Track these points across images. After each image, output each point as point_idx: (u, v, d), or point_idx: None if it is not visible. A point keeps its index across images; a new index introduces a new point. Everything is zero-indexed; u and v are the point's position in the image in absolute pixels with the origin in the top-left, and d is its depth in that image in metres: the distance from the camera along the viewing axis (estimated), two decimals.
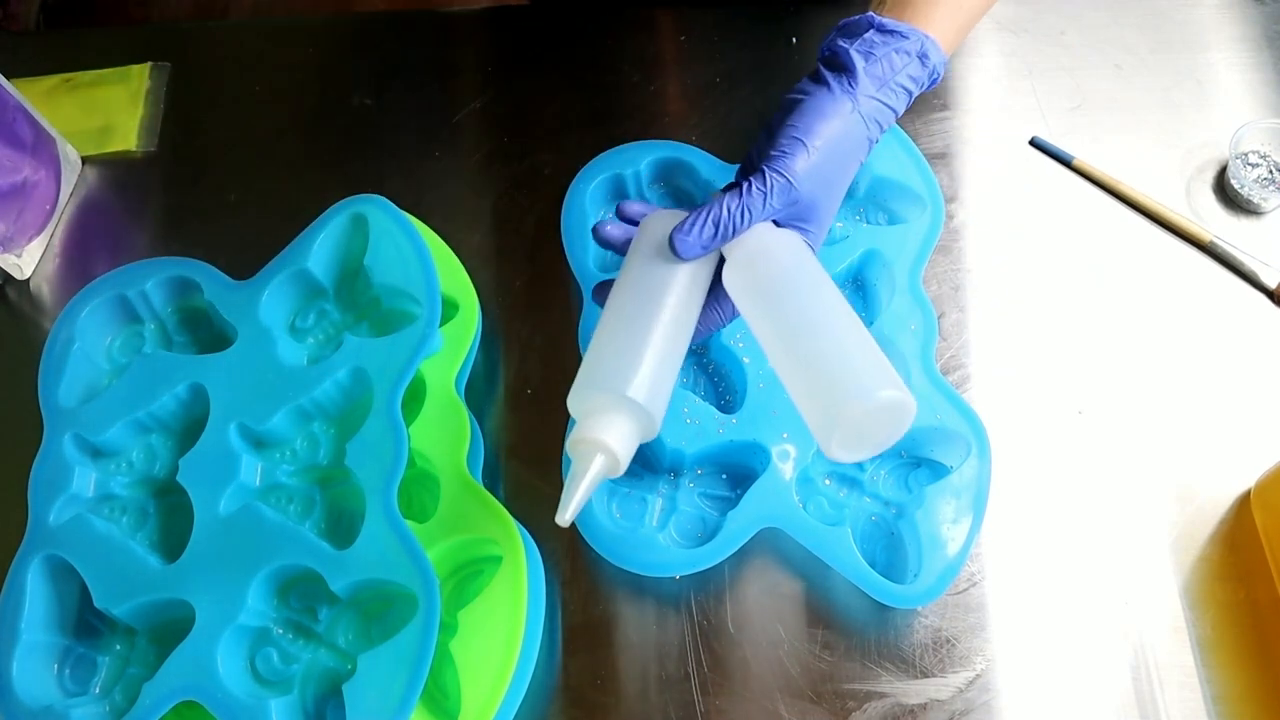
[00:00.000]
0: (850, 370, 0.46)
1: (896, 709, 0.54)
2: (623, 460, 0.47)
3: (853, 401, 0.44)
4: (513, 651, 0.52)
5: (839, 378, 0.46)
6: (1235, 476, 0.59)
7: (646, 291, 0.51)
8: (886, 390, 0.45)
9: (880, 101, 0.52)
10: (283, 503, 0.58)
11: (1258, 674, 0.54)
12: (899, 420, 0.46)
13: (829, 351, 0.47)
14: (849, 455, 0.46)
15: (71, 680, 0.56)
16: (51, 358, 0.61)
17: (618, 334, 0.50)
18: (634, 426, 0.47)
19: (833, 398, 0.45)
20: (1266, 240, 0.66)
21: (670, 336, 0.50)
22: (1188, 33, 0.75)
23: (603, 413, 0.47)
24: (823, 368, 0.46)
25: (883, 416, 0.45)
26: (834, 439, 0.45)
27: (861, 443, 0.46)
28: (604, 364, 0.49)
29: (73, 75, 0.77)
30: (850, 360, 0.46)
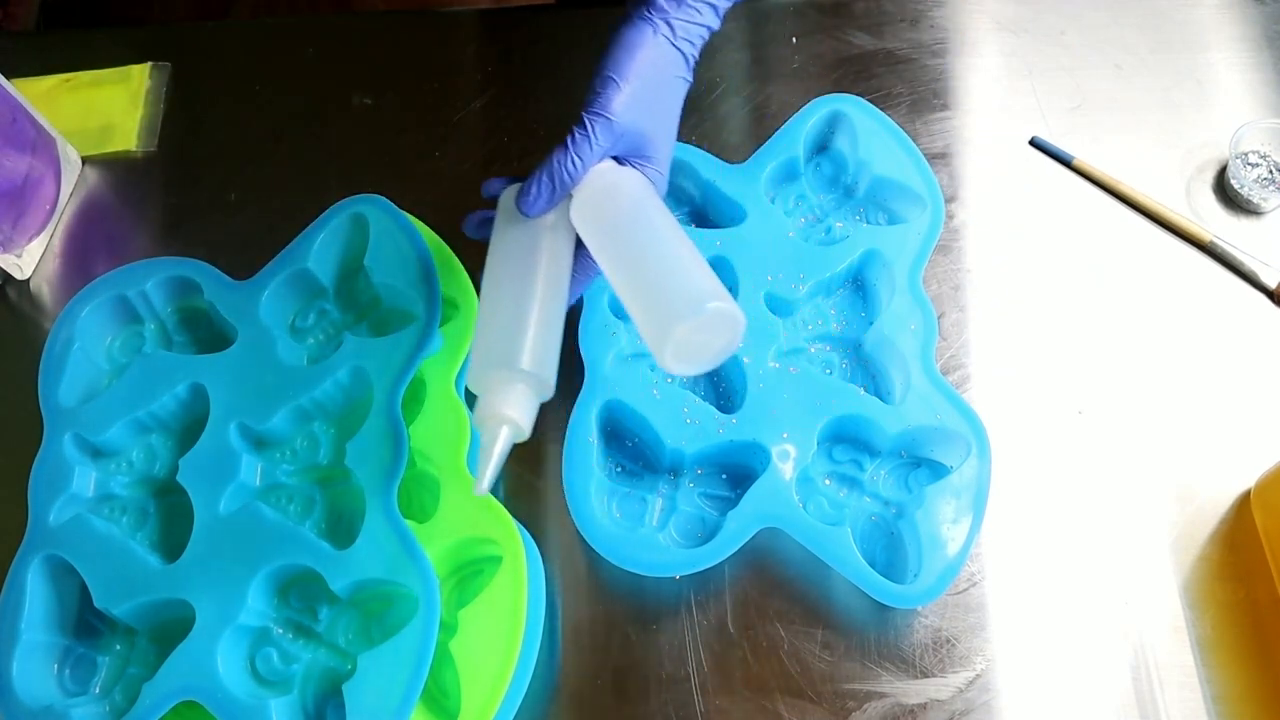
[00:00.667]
0: (680, 287, 0.49)
1: (896, 709, 0.54)
2: (526, 426, 0.51)
3: (684, 317, 0.48)
4: (513, 651, 0.52)
5: (670, 294, 0.49)
6: (1235, 476, 0.59)
7: (516, 262, 0.54)
8: (713, 303, 0.48)
9: (684, 20, 0.55)
10: (283, 502, 0.58)
11: (1258, 674, 0.54)
12: (730, 331, 0.49)
13: (661, 271, 0.50)
14: (686, 368, 0.50)
15: (71, 680, 0.56)
16: (51, 358, 0.62)
17: (499, 310, 0.53)
18: (530, 394, 0.51)
19: (665, 312, 0.49)
20: (1266, 240, 0.66)
21: (546, 300, 0.53)
22: (1188, 33, 0.75)
23: (500, 387, 0.50)
24: (656, 286, 0.50)
25: (713, 328, 0.49)
26: (667, 351, 0.48)
27: (697, 355, 0.50)
28: (492, 342, 0.52)
29: (73, 75, 0.77)
30: (680, 278, 0.50)
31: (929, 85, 0.74)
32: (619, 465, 0.60)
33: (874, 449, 0.59)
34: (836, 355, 0.62)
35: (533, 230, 0.55)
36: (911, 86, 0.73)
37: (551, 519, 0.59)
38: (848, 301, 0.64)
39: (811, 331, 0.63)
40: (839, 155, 0.68)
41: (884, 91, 0.73)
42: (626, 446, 0.60)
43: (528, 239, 0.55)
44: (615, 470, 0.60)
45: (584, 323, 0.61)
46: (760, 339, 0.60)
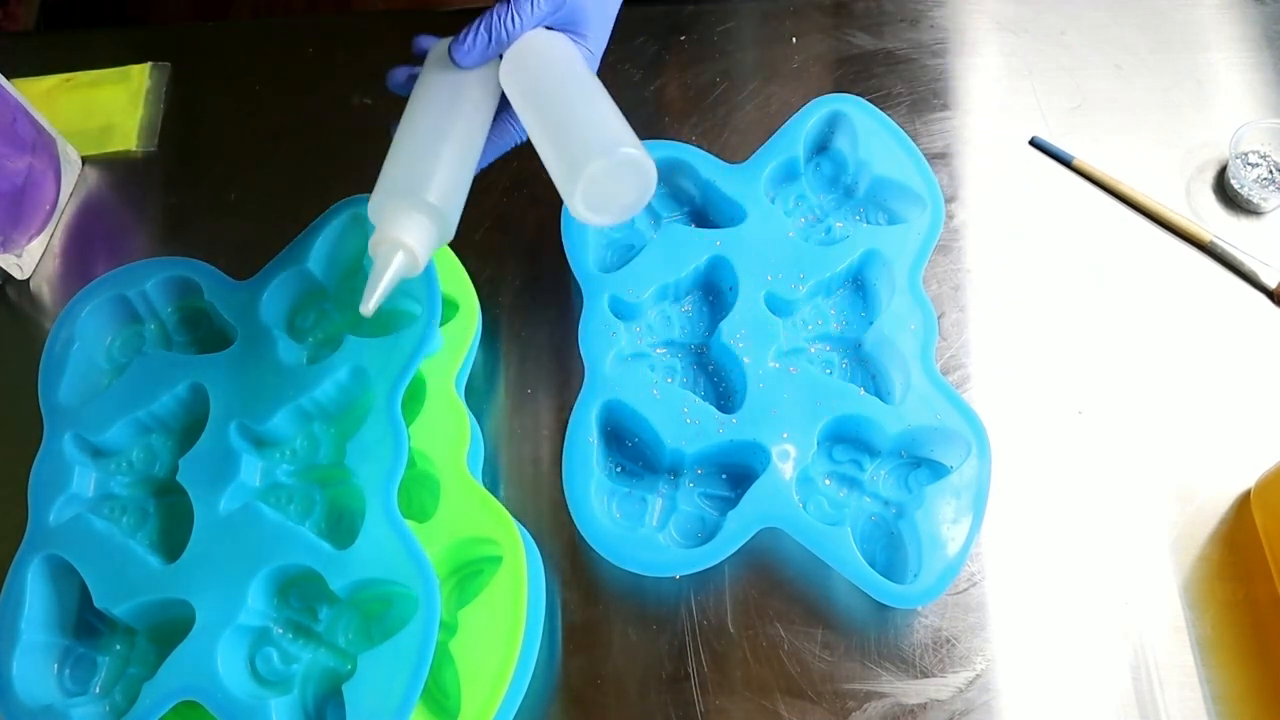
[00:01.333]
0: (595, 132, 0.50)
1: (896, 709, 0.54)
2: (420, 258, 0.51)
3: (595, 156, 0.49)
4: (513, 651, 0.52)
5: (585, 138, 0.50)
6: (1235, 476, 0.59)
7: (437, 106, 0.54)
8: (626, 148, 0.49)
9: None
10: (283, 502, 0.58)
11: (1258, 674, 0.54)
12: (641, 181, 0.51)
13: (579, 119, 0.51)
14: (595, 216, 0.51)
15: (71, 680, 0.56)
16: (51, 358, 0.62)
17: (413, 144, 0.53)
18: (431, 228, 0.51)
19: (578, 155, 0.50)
20: (1266, 240, 0.66)
21: (462, 145, 0.54)
22: (1188, 33, 0.75)
23: (401, 215, 0.50)
24: (572, 132, 0.51)
25: (623, 174, 0.50)
26: (578, 193, 0.49)
27: (607, 203, 0.51)
28: (401, 172, 0.52)
29: (73, 75, 0.77)
30: (596, 124, 0.51)
31: (929, 85, 0.74)
32: (619, 465, 0.60)
33: (874, 449, 0.59)
34: (836, 355, 0.62)
35: (457, 80, 0.55)
36: (911, 86, 0.73)
37: (551, 519, 0.59)
38: (848, 301, 0.64)
39: (811, 331, 0.63)
40: (839, 155, 0.68)
41: (884, 91, 0.73)
42: (626, 446, 0.60)
43: (451, 87, 0.55)
44: (615, 470, 0.60)
45: (584, 323, 0.61)
46: (760, 339, 0.60)
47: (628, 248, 0.66)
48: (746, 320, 0.60)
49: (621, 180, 0.50)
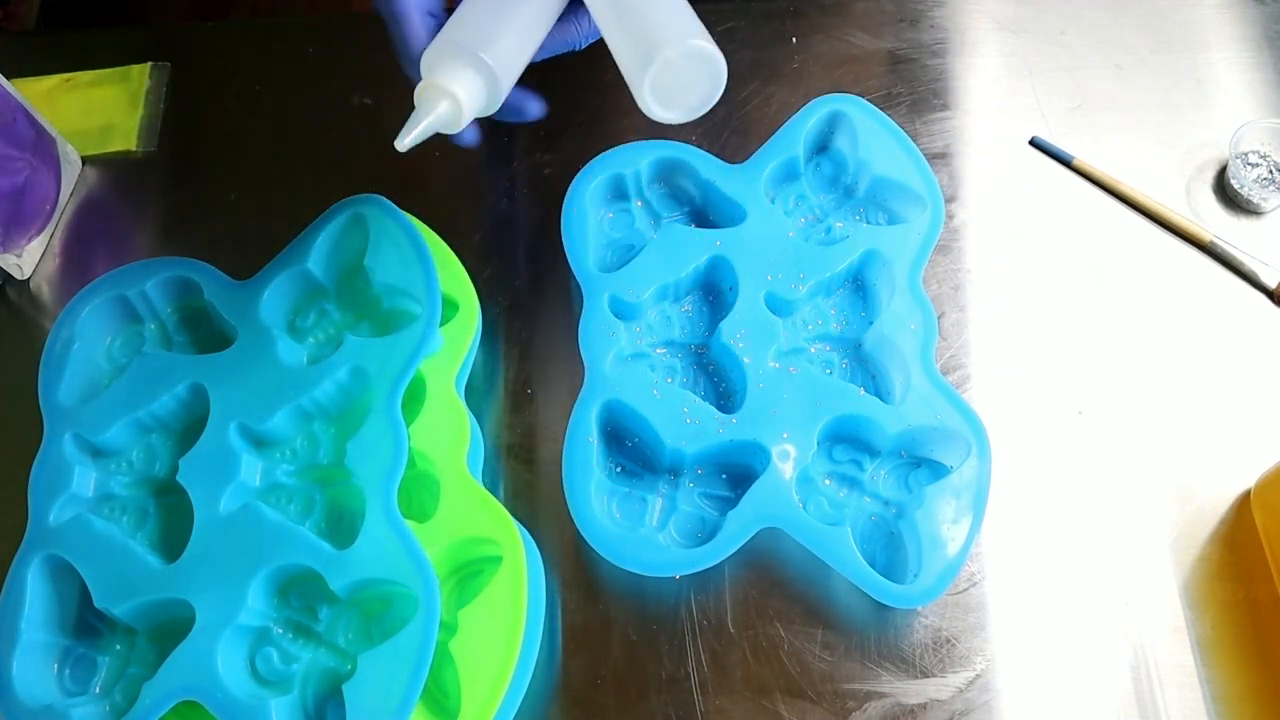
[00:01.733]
0: (668, 23, 0.49)
1: (896, 709, 0.54)
2: (465, 113, 0.51)
3: (666, 45, 0.48)
4: (513, 651, 0.52)
5: (657, 28, 0.49)
6: (1235, 476, 0.59)
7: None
8: (697, 39, 0.48)
9: None
10: (283, 502, 0.58)
11: (1258, 674, 0.54)
12: (711, 76, 0.50)
13: (652, 9, 0.50)
14: (663, 110, 0.50)
15: (71, 680, 0.56)
16: (51, 358, 0.62)
17: (482, 6, 0.52)
18: (482, 86, 0.51)
19: (650, 42, 0.49)
20: (1266, 240, 0.66)
21: (529, 21, 0.53)
22: (1188, 33, 0.75)
23: (456, 66, 0.50)
24: (645, 20, 0.50)
25: (693, 68, 0.49)
26: (646, 83, 0.48)
27: (675, 98, 0.50)
28: (463, 28, 0.52)
29: (73, 75, 0.77)
30: (670, 16, 0.50)
31: (929, 85, 0.74)
32: (619, 465, 0.60)
33: (874, 449, 0.59)
34: (836, 355, 0.62)
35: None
36: (911, 86, 0.73)
37: (551, 519, 0.59)
38: (848, 301, 0.64)
39: (811, 331, 0.63)
40: (839, 155, 0.68)
41: (884, 91, 0.73)
42: (626, 446, 0.60)
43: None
44: (615, 470, 0.60)
45: (584, 323, 0.61)
46: (760, 339, 0.60)
47: (628, 248, 0.66)
48: (746, 320, 0.60)
49: (691, 74, 0.49)
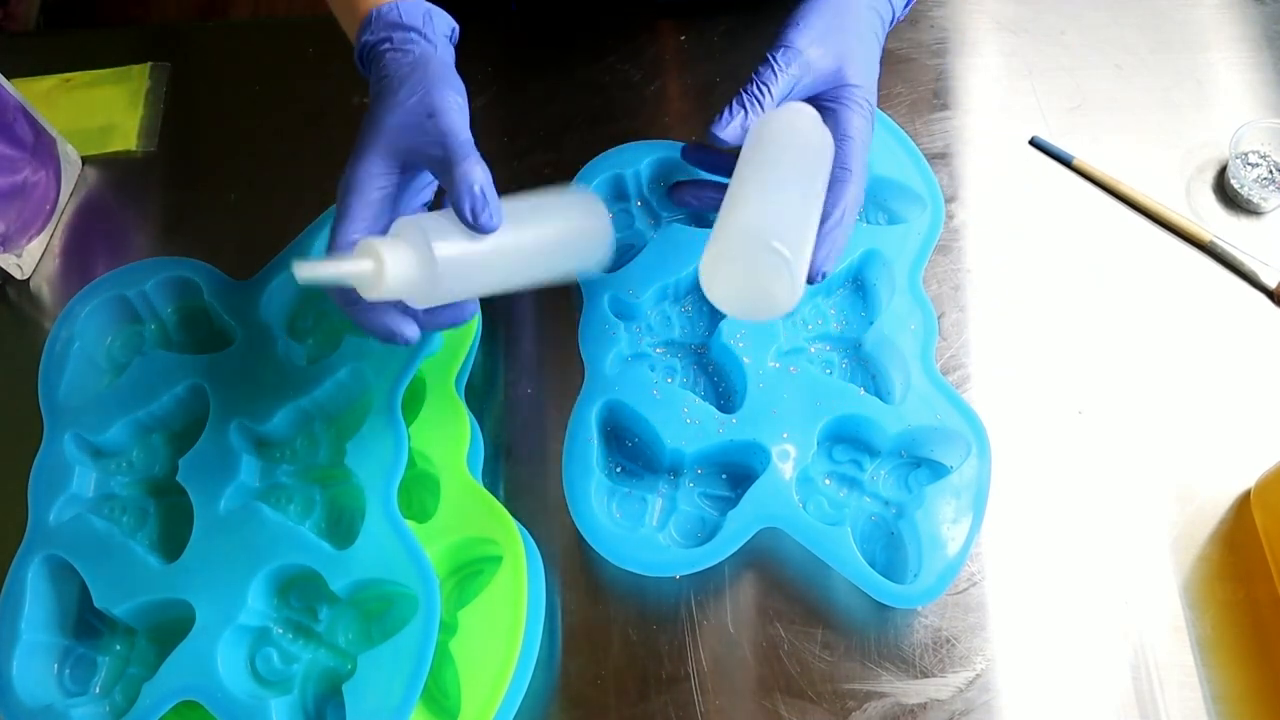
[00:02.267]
0: (774, 216, 0.48)
1: (896, 709, 0.54)
2: (386, 283, 0.45)
3: (752, 231, 0.46)
4: (513, 651, 0.52)
5: (759, 214, 0.48)
6: (1235, 476, 0.59)
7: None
8: (779, 242, 0.46)
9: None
10: (282, 502, 0.58)
11: (1258, 674, 0.54)
12: (777, 289, 0.47)
13: (770, 196, 0.49)
14: (718, 286, 0.49)
15: (71, 680, 0.56)
16: (51, 358, 0.62)
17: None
18: (415, 271, 0.46)
19: (744, 221, 0.47)
20: (1266, 240, 0.66)
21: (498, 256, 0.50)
22: (1188, 33, 0.75)
23: (401, 243, 0.46)
24: (754, 203, 0.49)
25: (764, 269, 0.47)
26: (716, 257, 0.47)
27: (732, 282, 0.49)
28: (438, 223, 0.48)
29: (72, 75, 0.77)
30: (780, 211, 0.48)
31: (929, 85, 0.74)
32: (619, 465, 0.60)
33: (874, 449, 0.59)
34: (836, 355, 0.62)
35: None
36: (911, 86, 0.73)
37: (551, 519, 0.59)
38: (848, 301, 0.64)
39: (811, 331, 0.63)
40: None
41: (884, 91, 0.73)
42: (626, 446, 0.60)
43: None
44: (615, 470, 0.60)
45: (584, 323, 0.61)
46: (760, 339, 0.60)
47: (628, 248, 0.66)
48: (746, 320, 0.60)
49: (761, 271, 0.47)
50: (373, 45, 0.54)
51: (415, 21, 0.53)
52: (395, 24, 0.53)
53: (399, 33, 0.53)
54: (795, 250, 0.47)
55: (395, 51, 0.53)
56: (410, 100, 0.50)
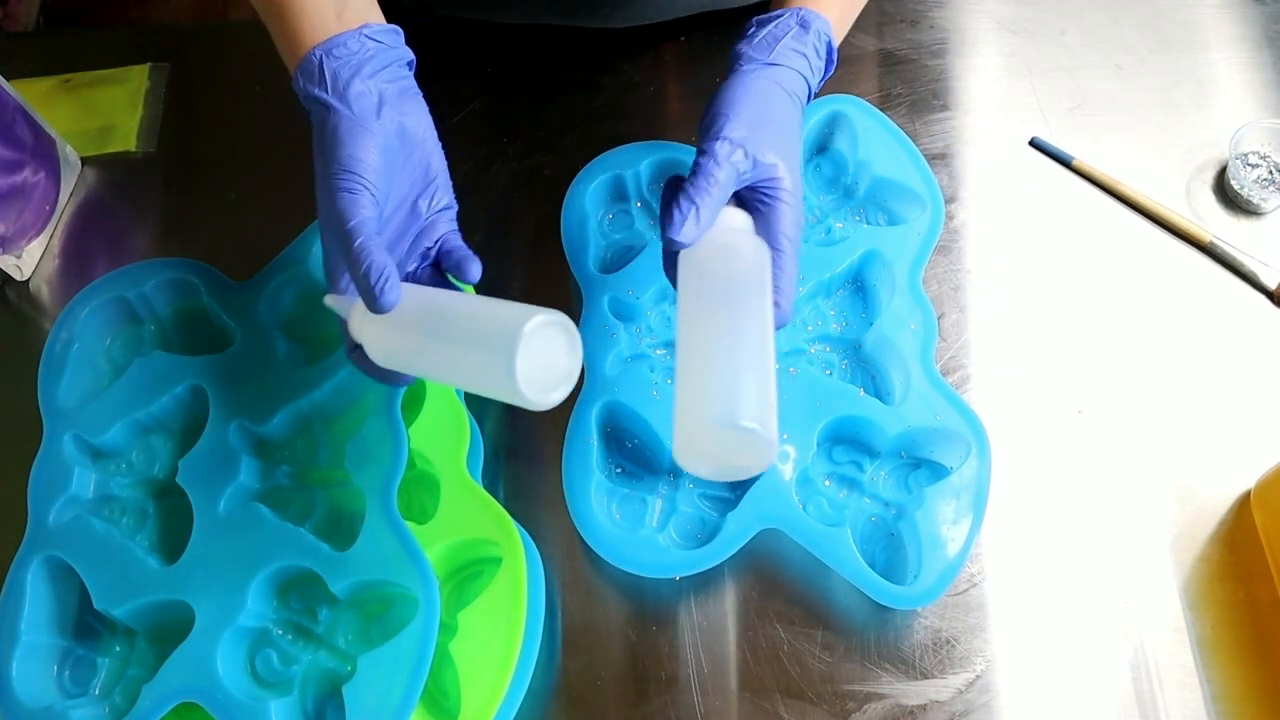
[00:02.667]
0: (729, 390, 0.46)
1: (896, 710, 0.54)
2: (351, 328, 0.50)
3: (717, 419, 0.45)
4: (512, 652, 0.52)
5: (720, 391, 0.46)
6: (1235, 476, 0.59)
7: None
8: (749, 422, 0.45)
9: (783, 65, 0.55)
10: (282, 504, 0.58)
11: (1258, 674, 0.54)
12: (755, 456, 0.46)
13: (726, 365, 0.47)
14: (696, 465, 0.48)
15: (71, 681, 0.56)
16: (51, 358, 0.62)
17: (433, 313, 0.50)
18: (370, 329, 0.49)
19: (706, 408, 0.46)
20: (1266, 240, 0.66)
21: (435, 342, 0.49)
22: (1188, 33, 0.75)
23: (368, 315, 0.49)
24: (715, 376, 0.47)
25: (738, 444, 0.46)
26: (687, 444, 0.46)
27: (712, 460, 0.47)
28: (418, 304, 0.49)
29: (72, 76, 0.77)
30: (740, 382, 0.46)
31: (929, 85, 0.74)
32: (619, 466, 0.60)
33: (874, 450, 0.59)
34: (836, 356, 0.62)
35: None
36: (911, 86, 0.73)
37: (551, 519, 0.59)
38: (848, 302, 0.64)
39: (811, 332, 0.63)
40: (839, 156, 0.68)
41: (884, 92, 0.73)
42: (626, 447, 0.60)
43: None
44: (615, 471, 0.60)
45: (584, 323, 0.61)
46: None
47: (627, 248, 0.66)
48: None
49: (735, 445, 0.46)
50: (311, 109, 0.53)
51: (311, 85, 0.51)
52: (302, 98, 0.52)
53: (308, 104, 0.52)
54: (763, 415, 0.45)
55: (313, 127, 0.52)
56: (319, 192, 0.50)
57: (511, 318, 0.45)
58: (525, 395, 0.44)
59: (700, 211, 0.50)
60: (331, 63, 0.51)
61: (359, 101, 0.50)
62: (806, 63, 0.56)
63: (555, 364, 0.47)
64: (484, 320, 0.46)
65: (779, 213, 0.52)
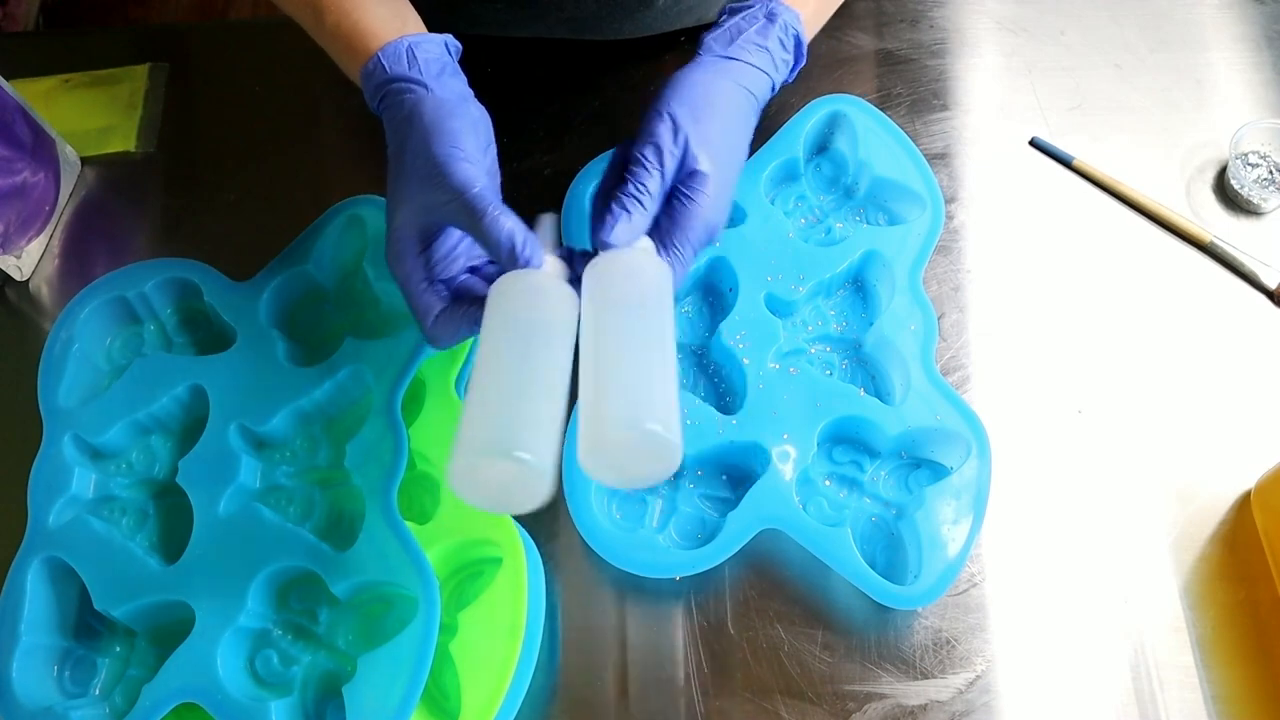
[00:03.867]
0: (636, 395, 0.45)
1: (896, 710, 0.54)
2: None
3: (622, 422, 0.44)
4: (513, 653, 0.52)
5: (623, 397, 0.45)
6: (1235, 476, 0.59)
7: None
8: (654, 425, 0.44)
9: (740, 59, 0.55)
10: (282, 504, 0.58)
11: (1258, 674, 0.54)
12: (660, 462, 0.45)
13: (630, 373, 0.46)
14: (603, 473, 0.46)
15: (71, 682, 0.56)
16: (51, 359, 0.62)
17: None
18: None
19: (610, 412, 0.45)
20: (1266, 240, 0.66)
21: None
22: (1188, 33, 0.75)
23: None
24: (617, 381, 0.46)
25: (644, 449, 0.45)
26: (592, 451, 0.44)
27: (618, 468, 0.46)
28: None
29: (72, 76, 0.77)
30: (647, 388, 0.46)
31: (929, 85, 0.74)
32: None
33: (874, 450, 0.59)
34: (836, 356, 0.62)
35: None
36: (911, 86, 0.73)
37: (551, 520, 0.59)
38: (848, 302, 0.64)
39: (811, 332, 0.63)
40: (839, 156, 0.68)
41: (884, 91, 0.73)
42: None
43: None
44: None
45: None
46: (760, 340, 0.60)
47: None
48: (746, 321, 0.60)
49: (641, 452, 0.45)
50: (375, 107, 0.54)
51: (400, 69, 0.53)
52: (382, 82, 0.53)
53: (388, 88, 0.53)
54: (669, 420, 0.45)
55: (390, 109, 0.53)
56: (416, 164, 0.50)
57: (508, 433, 0.44)
58: (455, 487, 0.44)
59: (632, 217, 0.50)
60: (421, 53, 0.53)
61: (451, 88, 0.53)
62: (769, 57, 0.55)
63: (506, 492, 0.45)
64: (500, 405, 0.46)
65: (689, 213, 0.51)
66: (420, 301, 0.51)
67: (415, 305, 0.51)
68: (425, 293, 0.51)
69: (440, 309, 0.51)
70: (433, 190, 0.49)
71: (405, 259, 0.51)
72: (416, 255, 0.51)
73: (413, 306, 0.51)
